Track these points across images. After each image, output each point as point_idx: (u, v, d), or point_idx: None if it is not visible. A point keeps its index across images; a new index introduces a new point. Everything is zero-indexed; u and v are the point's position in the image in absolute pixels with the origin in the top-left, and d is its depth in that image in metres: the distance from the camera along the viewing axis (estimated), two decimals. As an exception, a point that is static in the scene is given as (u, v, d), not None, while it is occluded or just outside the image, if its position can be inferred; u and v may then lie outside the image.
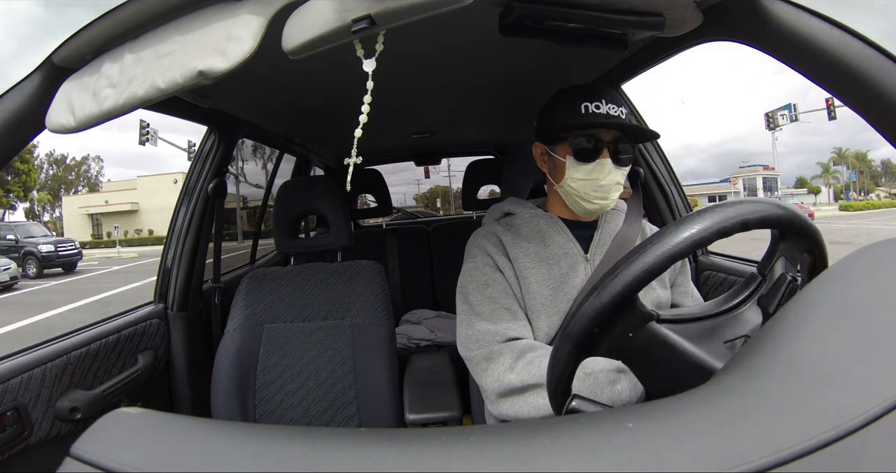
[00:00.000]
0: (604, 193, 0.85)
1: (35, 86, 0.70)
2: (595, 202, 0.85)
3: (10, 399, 0.82)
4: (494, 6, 0.70)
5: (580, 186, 0.85)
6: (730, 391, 0.26)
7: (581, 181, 0.85)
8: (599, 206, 0.86)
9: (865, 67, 0.54)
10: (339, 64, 1.00)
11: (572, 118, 0.84)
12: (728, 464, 0.21)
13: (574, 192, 0.86)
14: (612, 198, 0.86)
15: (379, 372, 1.12)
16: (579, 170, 0.84)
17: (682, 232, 0.42)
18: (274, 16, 0.56)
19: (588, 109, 0.83)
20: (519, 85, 1.33)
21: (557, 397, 0.48)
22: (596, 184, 0.84)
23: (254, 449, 0.25)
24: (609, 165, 0.83)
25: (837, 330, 0.29)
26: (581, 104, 0.84)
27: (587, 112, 0.83)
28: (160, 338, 1.23)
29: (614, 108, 0.84)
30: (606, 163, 0.83)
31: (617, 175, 0.84)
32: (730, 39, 0.71)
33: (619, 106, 0.85)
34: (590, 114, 0.83)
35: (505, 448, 0.23)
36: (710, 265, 1.31)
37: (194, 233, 1.29)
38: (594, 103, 0.83)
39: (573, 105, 0.85)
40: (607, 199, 0.86)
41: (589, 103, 0.83)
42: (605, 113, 0.83)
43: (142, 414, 0.29)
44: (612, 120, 0.83)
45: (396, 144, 2.25)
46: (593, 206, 0.86)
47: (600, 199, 0.85)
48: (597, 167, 0.83)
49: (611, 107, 0.84)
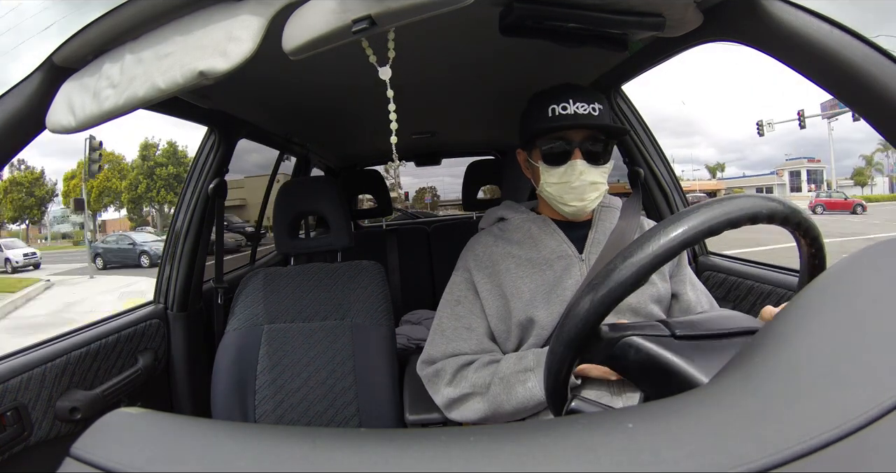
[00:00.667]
0: (578, 195, 0.84)
1: (35, 86, 0.70)
2: (572, 204, 0.85)
3: (10, 399, 0.82)
4: (494, 6, 0.69)
5: (554, 190, 0.85)
6: (730, 391, 0.26)
7: (555, 185, 0.85)
8: (577, 208, 0.86)
9: (865, 67, 0.54)
10: (341, 64, 1.00)
11: (540, 122, 0.84)
12: (728, 464, 0.21)
13: (550, 196, 0.87)
14: (589, 198, 0.85)
15: (379, 373, 1.12)
16: (552, 173, 0.85)
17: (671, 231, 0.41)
18: (274, 16, 0.56)
19: (555, 112, 0.83)
20: (519, 85, 1.33)
21: (556, 398, 0.48)
22: (568, 186, 0.84)
23: (254, 449, 0.25)
24: (580, 166, 0.83)
25: (837, 330, 0.29)
26: (548, 107, 0.83)
27: (553, 115, 0.83)
28: (160, 338, 1.23)
29: (583, 107, 0.82)
30: (577, 164, 0.83)
31: (592, 174, 0.84)
32: (730, 39, 0.71)
33: (590, 103, 0.83)
34: (556, 116, 0.83)
35: (505, 449, 0.23)
36: (710, 265, 1.31)
37: (194, 233, 1.29)
38: (560, 105, 0.83)
39: (541, 109, 0.85)
40: (584, 200, 0.85)
41: (556, 105, 0.83)
42: (572, 113, 0.82)
43: (142, 414, 0.29)
44: (579, 120, 0.82)
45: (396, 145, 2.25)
46: (571, 209, 0.86)
47: (576, 201, 0.85)
48: (568, 169, 0.83)
49: (579, 106, 0.82)
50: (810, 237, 0.47)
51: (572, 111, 0.82)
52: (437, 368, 0.87)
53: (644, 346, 0.44)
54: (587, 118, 0.82)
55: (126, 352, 1.11)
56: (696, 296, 0.92)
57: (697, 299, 0.91)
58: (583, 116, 0.82)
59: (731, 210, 0.41)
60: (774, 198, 0.44)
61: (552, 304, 0.83)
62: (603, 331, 0.46)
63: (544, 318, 0.82)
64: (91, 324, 1.10)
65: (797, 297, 0.33)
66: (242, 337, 1.16)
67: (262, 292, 1.22)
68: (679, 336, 0.45)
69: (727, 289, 1.22)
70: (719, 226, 0.41)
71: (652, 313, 0.85)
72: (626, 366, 0.46)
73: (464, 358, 0.85)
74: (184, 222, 1.30)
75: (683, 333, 0.46)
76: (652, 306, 0.85)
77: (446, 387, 0.84)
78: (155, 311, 1.24)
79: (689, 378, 0.40)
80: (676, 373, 0.41)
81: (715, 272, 1.28)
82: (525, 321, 0.83)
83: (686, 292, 0.91)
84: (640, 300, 0.84)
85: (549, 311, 0.83)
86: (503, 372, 0.79)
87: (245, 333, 1.16)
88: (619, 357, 0.46)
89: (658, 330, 0.47)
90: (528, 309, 0.83)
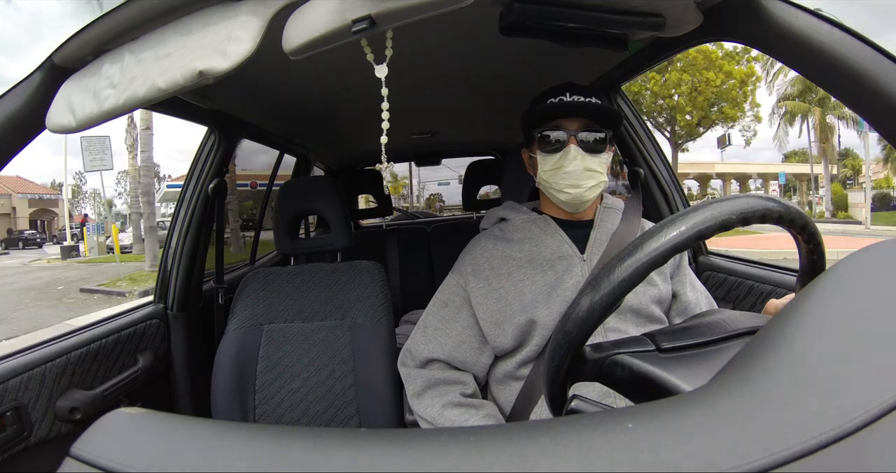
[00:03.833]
0: (573, 180, 0.84)
1: (35, 86, 0.70)
2: (567, 191, 0.85)
3: (10, 399, 0.82)
4: (494, 6, 0.69)
5: (549, 177, 0.86)
6: (730, 391, 0.26)
7: (549, 171, 0.86)
8: (572, 196, 0.86)
9: (865, 67, 0.54)
10: (341, 64, 1.00)
11: (537, 113, 0.86)
12: (728, 464, 0.21)
13: (547, 184, 0.88)
14: (585, 185, 0.85)
15: (379, 373, 1.12)
16: (547, 161, 0.86)
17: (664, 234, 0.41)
18: (273, 16, 0.56)
19: (552, 102, 0.85)
20: (519, 85, 1.33)
21: (556, 398, 0.48)
22: (563, 171, 0.84)
23: (254, 450, 0.25)
24: (573, 151, 0.84)
25: (837, 330, 0.29)
26: (546, 100, 0.86)
27: (550, 105, 0.85)
28: (160, 338, 1.23)
29: (580, 99, 0.84)
30: (570, 150, 0.84)
31: (587, 161, 0.84)
32: (730, 39, 0.71)
33: (587, 96, 0.85)
34: (552, 104, 0.85)
35: (505, 449, 0.23)
36: (710, 265, 1.31)
37: (194, 233, 1.29)
38: (558, 97, 0.85)
39: (540, 103, 0.87)
40: (579, 187, 0.85)
41: (553, 98, 0.85)
42: (568, 101, 0.84)
43: (142, 414, 0.29)
44: (575, 108, 0.84)
45: (397, 145, 2.25)
46: (566, 196, 0.86)
47: (571, 187, 0.85)
48: (562, 155, 0.84)
49: (576, 98, 0.84)
50: (809, 237, 0.47)
51: (569, 101, 0.84)
52: (407, 374, 0.94)
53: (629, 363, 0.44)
54: (583, 105, 0.84)
55: (126, 352, 1.11)
56: (696, 297, 0.92)
57: (697, 300, 0.92)
58: (578, 104, 0.84)
59: (728, 211, 0.41)
60: (773, 198, 0.44)
61: (553, 304, 0.83)
62: (587, 353, 0.46)
63: (545, 318, 0.83)
64: (91, 324, 1.10)
65: (797, 297, 0.33)
66: (242, 337, 1.16)
67: (262, 292, 1.22)
68: (664, 349, 0.45)
69: (727, 289, 1.22)
70: (713, 229, 0.41)
71: (653, 314, 0.85)
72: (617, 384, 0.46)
73: (434, 376, 0.90)
74: (184, 222, 1.30)
75: (669, 345, 0.45)
76: (653, 307, 0.85)
77: (414, 399, 0.91)
78: (155, 311, 1.24)
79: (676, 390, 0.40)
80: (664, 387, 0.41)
81: (715, 272, 1.28)
82: (526, 323, 0.83)
83: (686, 293, 0.91)
84: (642, 301, 0.84)
85: (550, 311, 0.83)
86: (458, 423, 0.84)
87: (245, 333, 1.16)
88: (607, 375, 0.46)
89: (643, 344, 0.47)
90: (529, 310, 0.83)
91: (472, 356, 0.90)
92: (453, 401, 0.86)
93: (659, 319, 0.86)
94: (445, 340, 0.91)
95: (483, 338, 0.90)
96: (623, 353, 0.45)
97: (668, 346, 0.45)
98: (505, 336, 0.85)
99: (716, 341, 0.46)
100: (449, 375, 0.89)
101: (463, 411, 0.84)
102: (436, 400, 0.87)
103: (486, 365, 0.91)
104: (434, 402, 0.87)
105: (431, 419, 0.86)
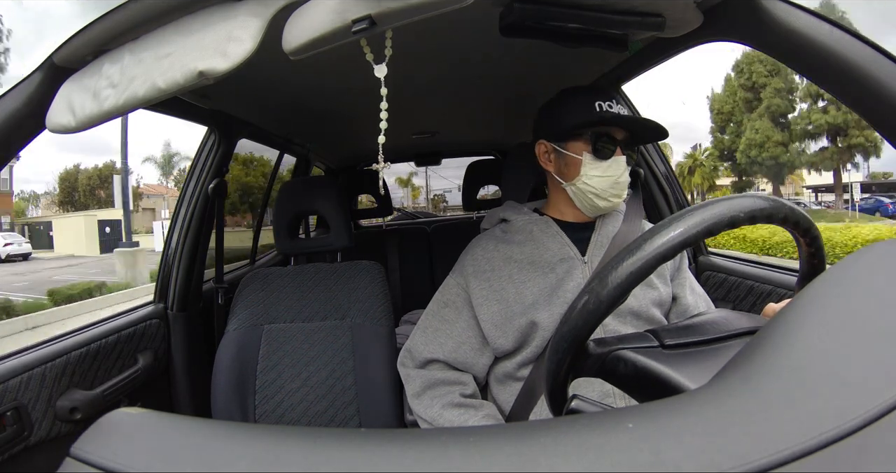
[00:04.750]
0: (619, 190, 0.87)
1: (35, 86, 0.70)
2: (610, 199, 0.87)
3: (10, 399, 0.82)
4: (494, 6, 0.69)
5: (597, 183, 0.86)
6: (730, 391, 0.26)
7: (598, 178, 0.85)
8: (612, 204, 0.88)
9: (865, 67, 0.54)
10: (341, 64, 1.00)
11: (590, 116, 0.85)
12: (728, 464, 0.21)
13: (590, 190, 0.86)
14: (623, 196, 0.88)
15: (379, 373, 1.12)
16: (597, 167, 0.85)
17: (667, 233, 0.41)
18: (274, 16, 0.56)
19: (602, 108, 0.85)
20: (519, 85, 1.33)
21: (556, 395, 0.48)
22: (614, 180, 0.85)
23: (254, 450, 0.25)
24: (623, 163, 0.85)
25: (837, 330, 0.29)
26: (595, 102, 0.85)
27: (602, 110, 0.84)
28: (160, 338, 1.22)
29: (623, 109, 0.86)
30: (622, 161, 0.85)
31: (626, 174, 0.87)
32: (730, 39, 0.71)
33: (624, 108, 0.87)
34: (605, 112, 0.84)
35: (505, 449, 0.23)
36: (710, 265, 1.31)
37: (194, 233, 1.29)
38: (607, 102, 0.85)
39: (587, 103, 0.86)
40: (620, 197, 0.88)
41: (602, 102, 0.85)
42: (617, 113, 0.85)
43: (142, 414, 0.29)
44: (627, 121, 0.85)
45: (397, 145, 2.25)
46: (606, 204, 0.87)
47: (615, 197, 0.87)
48: (613, 164, 0.85)
49: (621, 108, 0.86)
50: (809, 236, 0.47)
51: (617, 111, 0.85)
52: (406, 374, 0.94)
53: (632, 359, 0.44)
54: (632, 119, 0.86)
55: (126, 352, 1.11)
56: (695, 300, 0.92)
57: (696, 303, 0.92)
58: (628, 117, 0.85)
59: (738, 208, 0.41)
60: (773, 198, 0.44)
61: (554, 306, 0.83)
62: (590, 348, 0.46)
63: (546, 320, 0.83)
64: (91, 324, 1.10)
65: (797, 297, 0.33)
66: (242, 337, 1.16)
67: (262, 292, 1.22)
68: (668, 345, 0.45)
69: (727, 289, 1.22)
70: (722, 225, 0.41)
71: (653, 317, 0.85)
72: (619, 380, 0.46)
73: (433, 377, 0.90)
74: (184, 222, 1.30)
75: (673, 342, 0.45)
76: (653, 310, 0.85)
77: (414, 399, 0.91)
78: (155, 311, 1.24)
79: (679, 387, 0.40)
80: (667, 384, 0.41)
81: (715, 272, 1.28)
82: (527, 325, 0.83)
83: (685, 295, 0.91)
84: (642, 303, 0.84)
85: (551, 313, 0.83)
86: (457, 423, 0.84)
87: (245, 333, 1.16)
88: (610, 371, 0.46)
89: (646, 340, 0.46)
90: (530, 312, 0.84)
91: (472, 357, 0.90)
92: (453, 402, 0.86)
93: (659, 322, 0.86)
94: (446, 341, 0.91)
95: (483, 339, 0.89)
96: (627, 348, 0.45)
97: (672, 343, 0.45)
98: (506, 337, 0.85)
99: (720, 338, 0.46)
100: (449, 375, 0.89)
101: (462, 411, 0.84)
102: (435, 401, 0.87)
103: (486, 365, 0.91)
104: (434, 403, 0.86)
105: (431, 419, 0.86)
